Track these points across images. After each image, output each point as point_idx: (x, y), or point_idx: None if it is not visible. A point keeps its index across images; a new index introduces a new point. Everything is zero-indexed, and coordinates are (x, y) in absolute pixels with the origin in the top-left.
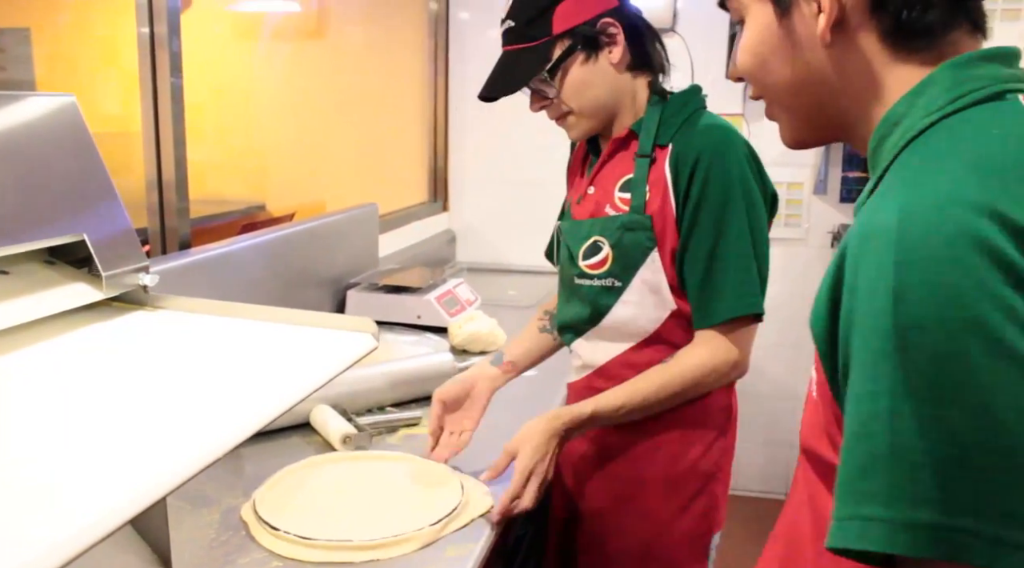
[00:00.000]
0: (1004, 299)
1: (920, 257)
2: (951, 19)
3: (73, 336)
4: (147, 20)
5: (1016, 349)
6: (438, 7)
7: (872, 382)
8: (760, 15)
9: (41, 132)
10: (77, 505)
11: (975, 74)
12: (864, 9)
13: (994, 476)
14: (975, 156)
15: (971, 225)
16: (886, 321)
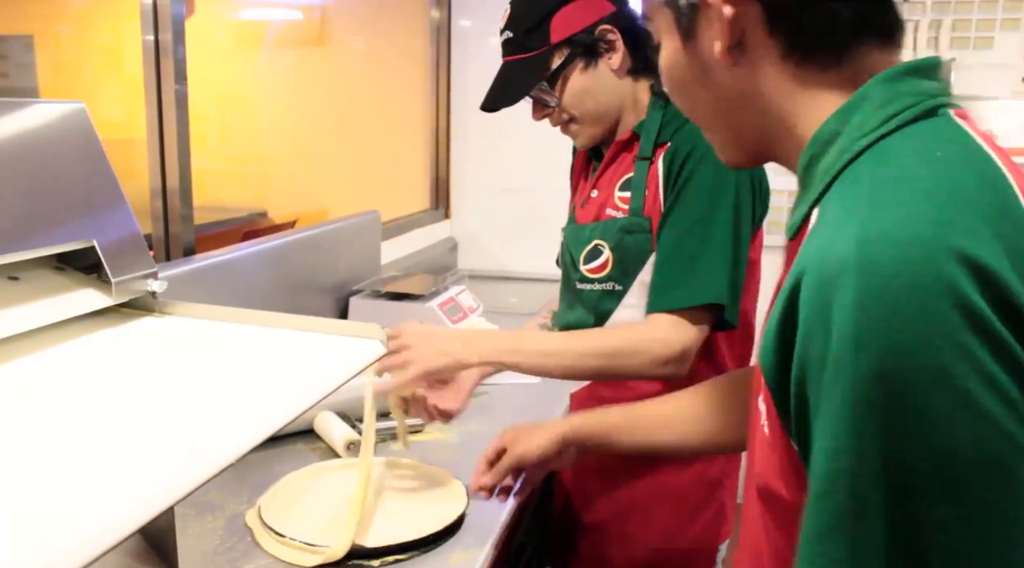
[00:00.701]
0: (969, 349)
1: (881, 303)
2: (855, 35)
3: (82, 342)
4: (152, 27)
5: (980, 403)
6: (440, 15)
7: (833, 438)
8: (668, 44)
9: (51, 139)
10: (86, 513)
11: (907, 89)
12: (761, 30)
13: (960, 545)
14: (928, 185)
15: (935, 269)
16: (845, 373)
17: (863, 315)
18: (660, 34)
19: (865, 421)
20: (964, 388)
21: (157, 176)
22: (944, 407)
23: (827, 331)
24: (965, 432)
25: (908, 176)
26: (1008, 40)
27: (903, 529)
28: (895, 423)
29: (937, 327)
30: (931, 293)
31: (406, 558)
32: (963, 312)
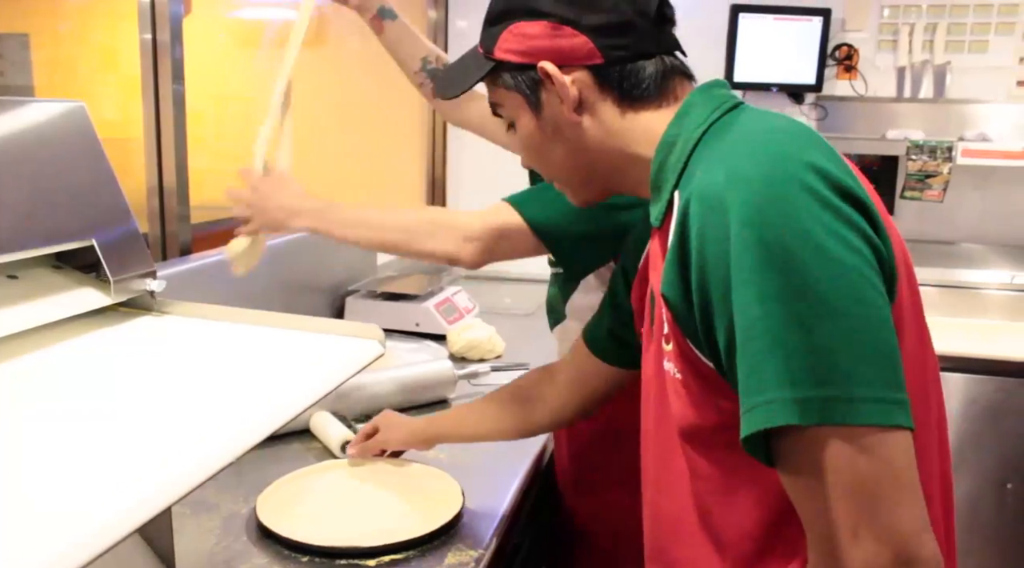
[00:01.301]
0: (822, 219)
1: (757, 201)
2: (666, 78)
3: (81, 341)
4: (149, 26)
5: (833, 251)
6: (437, 15)
7: (744, 300)
8: (523, 118)
9: (50, 138)
10: (84, 513)
11: (717, 94)
12: (593, 89)
13: (840, 352)
14: (770, 129)
15: (791, 171)
16: (743, 255)
17: (746, 212)
18: (512, 116)
19: (762, 279)
20: (821, 244)
21: (154, 175)
22: (810, 257)
23: (722, 234)
24: (825, 271)
25: (750, 130)
26: (1003, 43)
27: (802, 352)
28: (782, 279)
29: (798, 207)
30: (790, 188)
31: (402, 558)
32: (814, 197)
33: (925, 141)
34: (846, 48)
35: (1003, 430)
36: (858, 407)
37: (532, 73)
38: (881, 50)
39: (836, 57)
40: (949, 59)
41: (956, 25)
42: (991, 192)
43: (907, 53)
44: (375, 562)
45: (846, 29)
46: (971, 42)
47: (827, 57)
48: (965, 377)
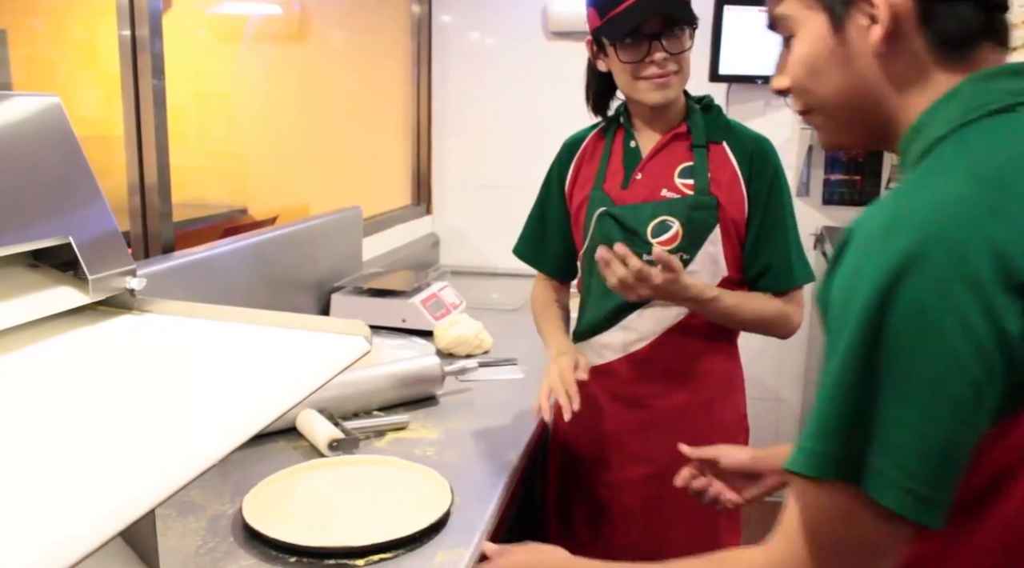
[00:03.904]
0: (970, 324)
1: (907, 252)
2: (981, 33)
3: (58, 341)
4: (128, 22)
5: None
6: (420, 10)
7: (838, 357)
8: (814, 29)
9: (25, 133)
10: (66, 516)
11: (993, 87)
12: (914, 21)
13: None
14: (975, 168)
15: (960, 246)
16: (864, 293)
17: (896, 275)
18: (795, 29)
19: (862, 356)
20: (953, 350)
21: (135, 173)
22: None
23: (859, 275)
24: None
25: (960, 162)
26: None
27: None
28: (881, 364)
29: (950, 307)
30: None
31: (391, 556)
32: (977, 294)
33: None
34: None
35: None
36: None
37: None
38: None
39: None
40: None
41: None
42: None
43: None
44: (364, 561)
45: None
46: None
47: None
48: None
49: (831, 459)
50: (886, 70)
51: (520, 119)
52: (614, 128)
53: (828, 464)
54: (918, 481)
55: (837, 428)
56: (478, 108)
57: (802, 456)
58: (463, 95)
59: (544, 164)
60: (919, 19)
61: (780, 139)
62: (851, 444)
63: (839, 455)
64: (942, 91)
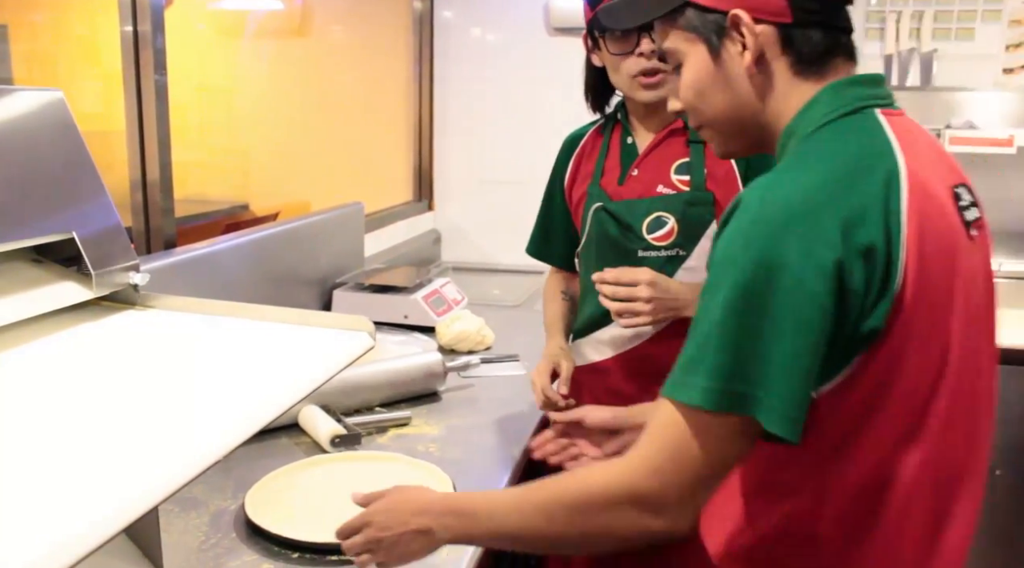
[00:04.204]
0: (802, 270)
1: (762, 232)
2: (833, 51)
3: (62, 336)
4: (130, 17)
5: (803, 299)
6: (422, 6)
7: (710, 295)
8: (697, 58)
9: (28, 127)
10: (70, 513)
11: (846, 94)
12: (777, 46)
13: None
14: (830, 159)
15: (819, 221)
16: (732, 261)
17: (753, 233)
18: (681, 59)
19: (731, 291)
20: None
21: (137, 168)
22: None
23: (732, 234)
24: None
25: (813, 157)
26: (989, 31)
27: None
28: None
29: (792, 257)
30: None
31: None
32: (826, 245)
33: None
34: None
35: None
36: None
37: (719, 18)
38: (868, 38)
39: None
40: (936, 47)
41: (943, 13)
42: (978, 179)
43: (894, 41)
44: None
45: None
46: (958, 30)
47: None
48: None
49: (726, 395)
50: (759, 87)
51: (522, 115)
52: (612, 125)
53: (724, 399)
54: (792, 406)
55: (729, 369)
56: (480, 104)
57: (698, 393)
58: (465, 91)
59: (546, 160)
60: (781, 44)
61: None
62: (741, 382)
63: (733, 391)
64: (805, 100)
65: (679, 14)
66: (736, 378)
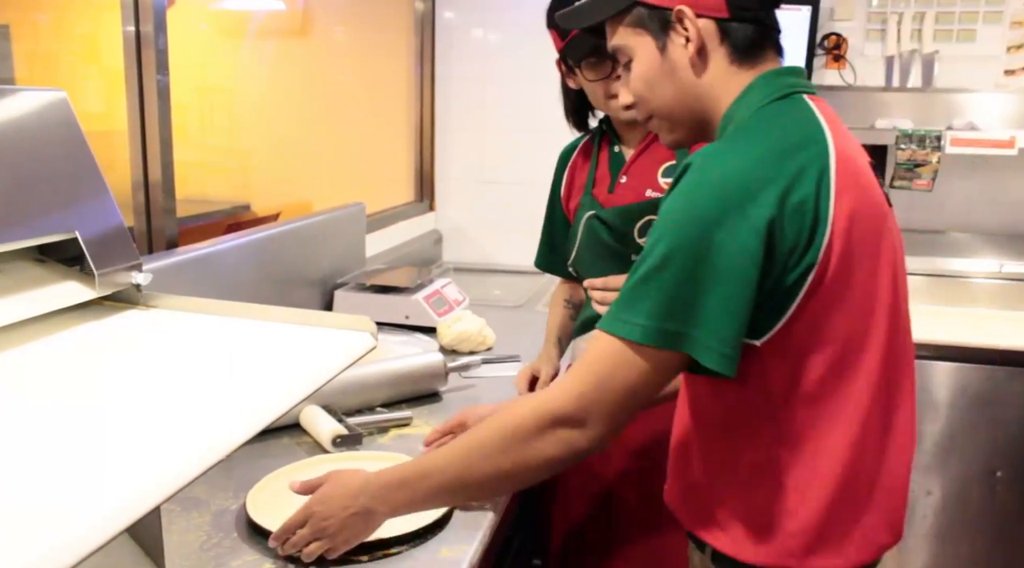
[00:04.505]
0: (736, 228)
1: (705, 193)
2: (764, 43)
3: (65, 336)
4: (132, 18)
5: (737, 253)
6: (424, 6)
7: (653, 243)
8: (645, 52)
9: (32, 127)
10: (72, 512)
11: (777, 81)
12: (715, 38)
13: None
14: (764, 137)
15: (737, 185)
16: (676, 216)
17: (693, 196)
18: (631, 54)
19: (673, 240)
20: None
21: (139, 168)
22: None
23: (677, 192)
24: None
25: (749, 132)
26: (990, 32)
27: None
28: (686, 248)
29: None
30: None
31: (395, 552)
32: (760, 206)
33: (914, 130)
34: (835, 38)
35: (992, 418)
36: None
37: (666, 14)
38: (870, 39)
39: (825, 47)
40: (937, 48)
41: (944, 14)
42: (979, 181)
43: (895, 42)
44: (368, 557)
45: (835, 19)
46: (959, 31)
47: (816, 47)
48: (954, 366)
49: (662, 333)
50: (701, 76)
51: (523, 116)
52: (600, 136)
53: (660, 337)
54: (724, 345)
55: (667, 310)
56: (481, 104)
57: (637, 329)
58: (466, 91)
59: (547, 161)
60: (719, 37)
61: None
62: (677, 322)
63: (668, 330)
64: (742, 87)
65: (627, 13)
66: (672, 318)
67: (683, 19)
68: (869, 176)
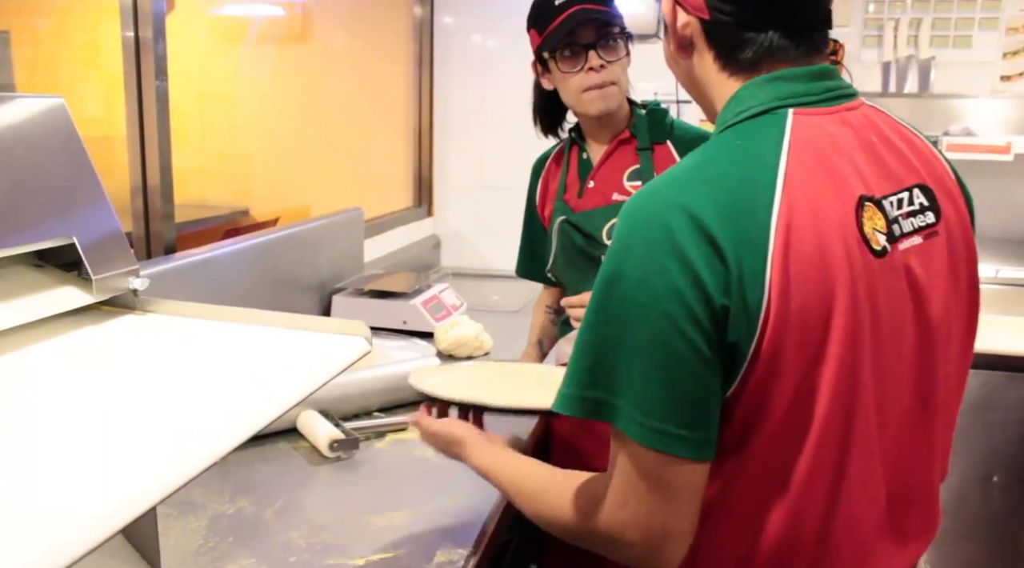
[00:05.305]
0: (670, 273)
1: (628, 231)
2: (759, 51)
3: (62, 340)
4: (132, 23)
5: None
6: (422, 12)
7: (590, 307)
8: (667, 34)
9: (29, 133)
10: (68, 513)
11: (761, 92)
12: (701, 36)
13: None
14: (697, 165)
15: (663, 216)
16: (605, 269)
17: (622, 239)
18: None
19: (602, 303)
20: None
21: (138, 174)
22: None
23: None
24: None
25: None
26: (986, 38)
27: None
28: (609, 312)
29: (653, 257)
30: (658, 230)
31: (391, 556)
32: (671, 244)
33: None
34: (831, 43)
35: (989, 423)
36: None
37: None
38: (866, 45)
39: None
40: (934, 54)
41: (940, 20)
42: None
43: (892, 48)
44: (364, 561)
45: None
46: (955, 37)
47: None
48: None
49: (586, 402)
50: (692, 73)
51: (522, 121)
52: (571, 144)
53: (583, 406)
54: (654, 418)
55: (585, 377)
56: (480, 110)
57: (561, 399)
58: (465, 97)
59: None
60: (705, 38)
61: None
62: (601, 390)
63: (593, 398)
64: (728, 95)
65: None
66: (596, 386)
67: (671, 9)
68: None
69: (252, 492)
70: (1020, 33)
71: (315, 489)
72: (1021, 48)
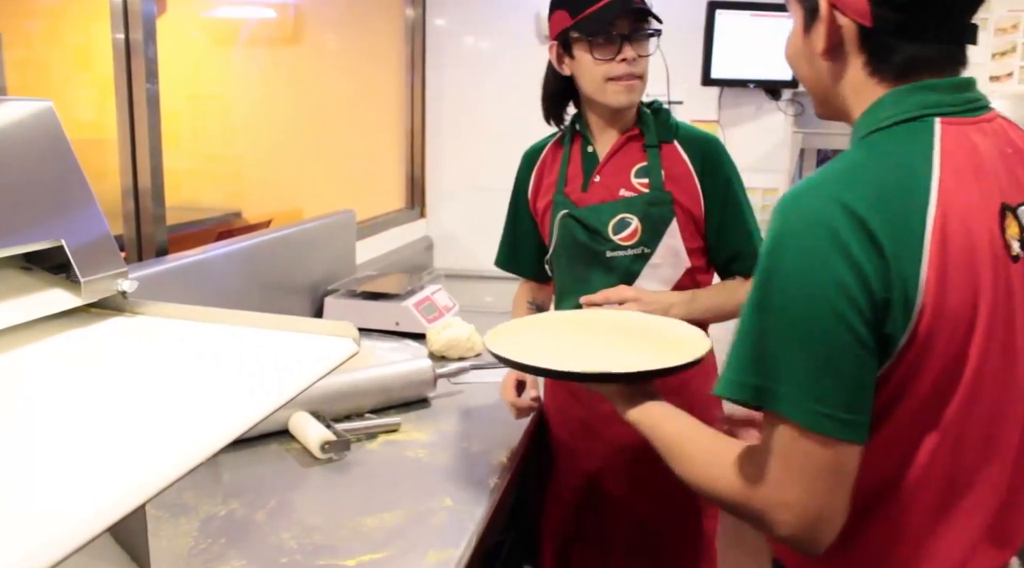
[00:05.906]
0: (833, 266)
1: (787, 226)
2: (914, 60)
3: (50, 343)
4: (122, 26)
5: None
6: (415, 14)
7: (750, 299)
8: (796, 24)
9: (17, 137)
10: (55, 513)
11: (908, 100)
12: (855, 41)
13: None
14: (852, 166)
15: (823, 212)
16: (764, 263)
17: (779, 237)
18: (793, 16)
19: (762, 293)
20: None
21: (129, 176)
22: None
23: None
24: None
25: (850, 160)
26: None
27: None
28: (774, 300)
29: (817, 254)
30: (819, 228)
31: (382, 557)
32: (835, 242)
33: None
34: None
35: None
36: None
37: (814, 1)
38: None
39: None
40: None
41: None
42: None
43: None
44: (355, 561)
45: None
46: None
47: None
48: None
49: (748, 387)
50: (834, 74)
51: (513, 123)
52: (571, 137)
53: (744, 391)
54: (822, 404)
55: (748, 365)
56: (472, 112)
57: (724, 384)
58: (457, 99)
59: None
60: (859, 42)
61: (773, 142)
62: (763, 377)
63: (755, 385)
64: (872, 100)
65: None
66: (757, 372)
67: (828, 12)
68: (979, 226)
69: (244, 494)
70: (1009, 34)
71: (307, 490)
72: (1010, 49)
